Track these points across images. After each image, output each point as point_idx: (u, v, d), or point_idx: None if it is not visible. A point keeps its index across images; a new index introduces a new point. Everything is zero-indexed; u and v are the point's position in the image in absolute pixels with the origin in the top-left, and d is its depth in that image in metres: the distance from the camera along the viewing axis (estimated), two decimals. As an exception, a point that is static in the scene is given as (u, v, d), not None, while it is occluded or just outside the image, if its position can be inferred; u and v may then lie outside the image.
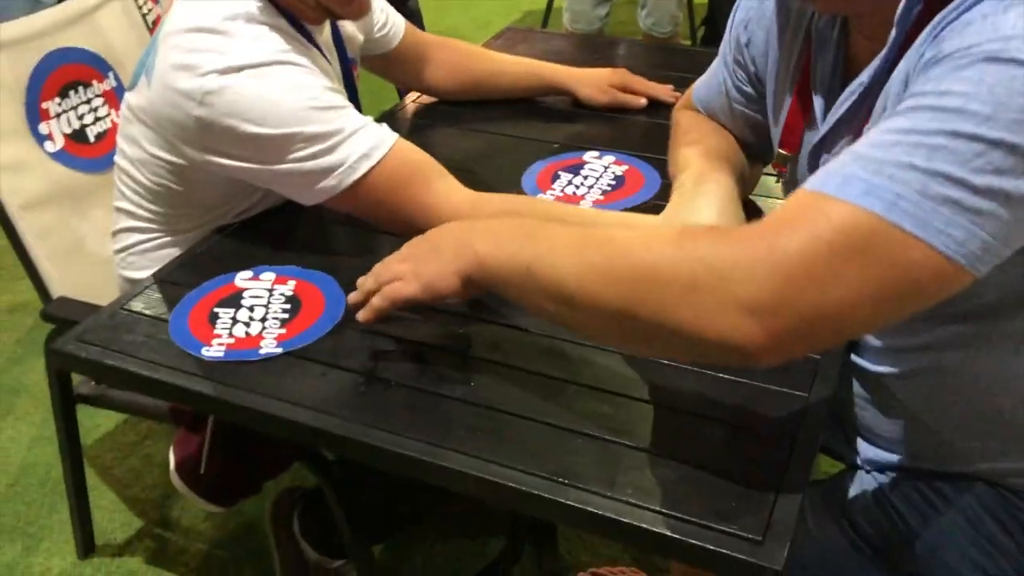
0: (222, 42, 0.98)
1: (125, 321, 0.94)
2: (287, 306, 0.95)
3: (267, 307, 0.95)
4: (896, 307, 0.61)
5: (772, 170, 0.99)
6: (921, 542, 0.85)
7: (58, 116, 1.35)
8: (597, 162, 1.26)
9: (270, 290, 0.98)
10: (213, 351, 0.89)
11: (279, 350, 0.89)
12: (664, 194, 1.04)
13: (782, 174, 0.96)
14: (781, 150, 0.94)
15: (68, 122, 1.37)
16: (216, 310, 0.95)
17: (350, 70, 1.22)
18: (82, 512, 1.48)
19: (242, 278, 1.00)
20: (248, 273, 1.01)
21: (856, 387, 0.90)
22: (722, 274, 0.60)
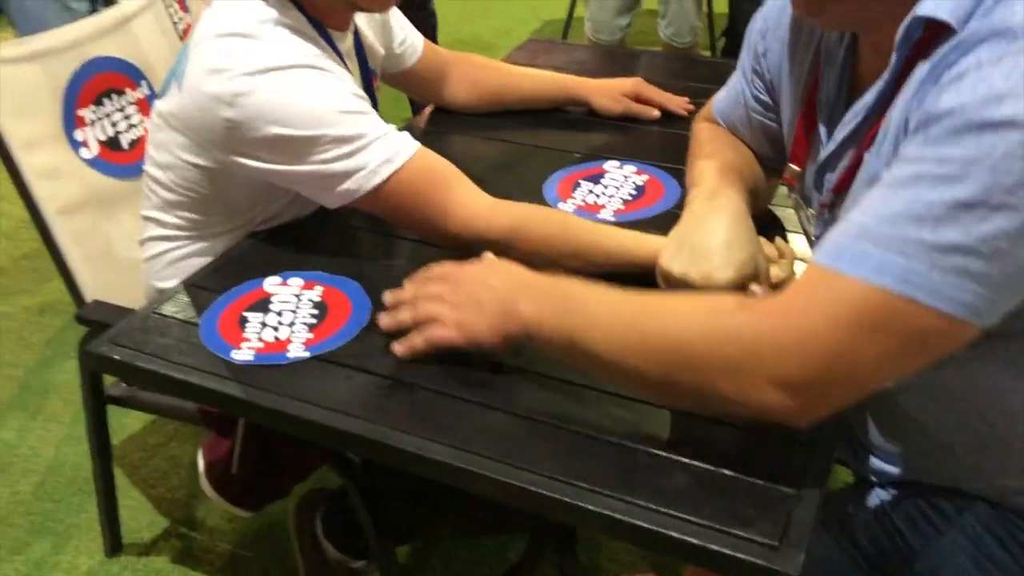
0: (251, 45, 1.01)
1: (157, 325, 0.97)
2: (314, 311, 0.98)
3: (295, 312, 0.98)
4: (917, 363, 0.67)
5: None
6: (921, 560, 0.85)
7: (93, 123, 1.39)
8: (618, 172, 1.27)
9: (298, 295, 1.01)
10: (243, 355, 0.91)
11: (306, 354, 0.91)
12: (684, 204, 1.05)
13: (792, 188, 0.96)
14: (792, 164, 0.94)
15: (103, 129, 1.40)
16: (245, 315, 0.97)
17: (371, 81, 1.24)
18: (110, 512, 1.51)
19: (271, 283, 1.02)
20: (277, 279, 1.03)
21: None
22: (756, 355, 0.67)
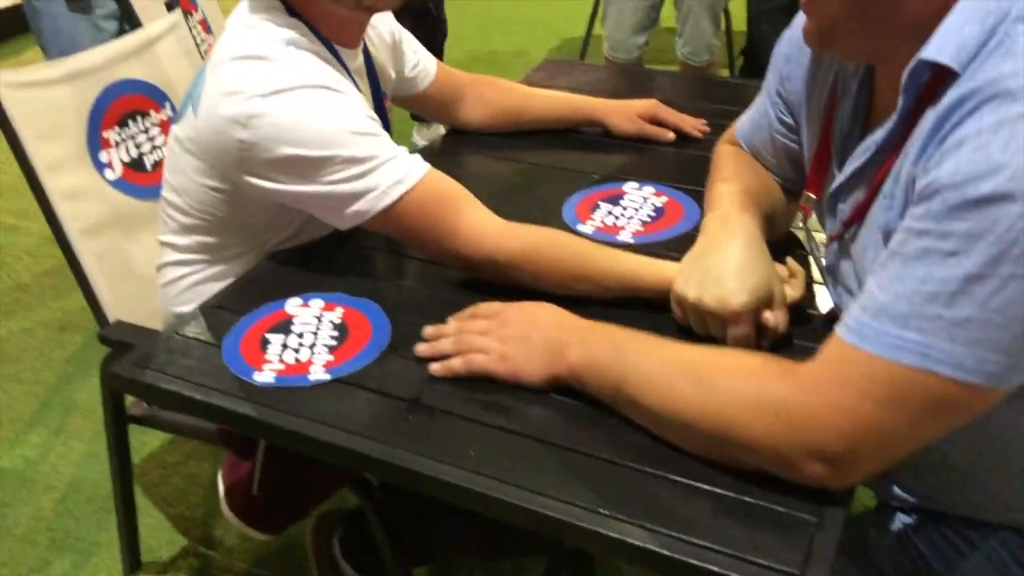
0: (265, 67, 1.02)
1: (180, 346, 0.98)
2: (335, 333, 0.98)
3: (316, 334, 0.98)
4: (946, 428, 0.69)
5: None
6: None
7: (117, 145, 1.41)
8: (637, 193, 1.27)
9: (319, 317, 1.01)
10: (264, 376, 0.92)
11: (327, 376, 0.92)
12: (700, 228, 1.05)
13: (806, 216, 0.95)
14: (807, 192, 0.94)
15: (127, 150, 1.42)
16: (267, 336, 0.98)
17: (382, 101, 1.25)
18: (130, 532, 1.51)
19: (292, 305, 1.03)
20: (298, 300, 1.04)
21: None
22: (797, 429, 0.71)
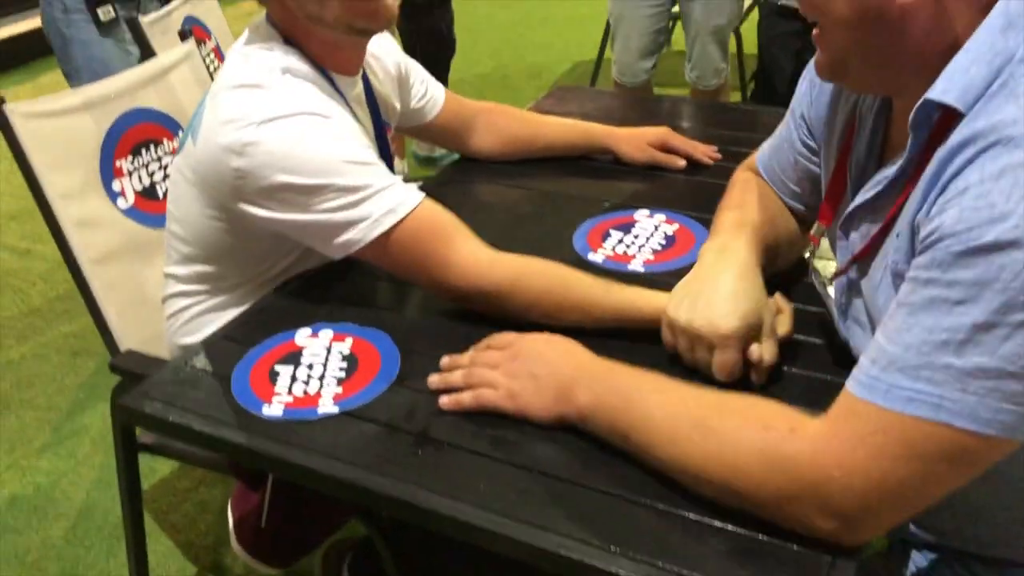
0: (260, 95, 1.03)
1: (189, 378, 0.98)
2: (344, 364, 0.98)
3: (325, 365, 0.98)
4: (961, 480, 0.68)
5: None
6: None
7: (130, 174, 1.42)
8: (648, 221, 1.27)
9: (328, 348, 1.01)
10: (272, 409, 0.91)
11: (336, 409, 0.91)
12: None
13: (814, 248, 0.94)
14: (820, 222, 0.93)
15: (139, 179, 1.43)
16: (276, 368, 0.97)
17: (383, 131, 1.25)
18: (140, 560, 1.49)
19: (302, 336, 1.03)
20: (307, 331, 1.04)
21: None
22: (809, 487, 0.69)
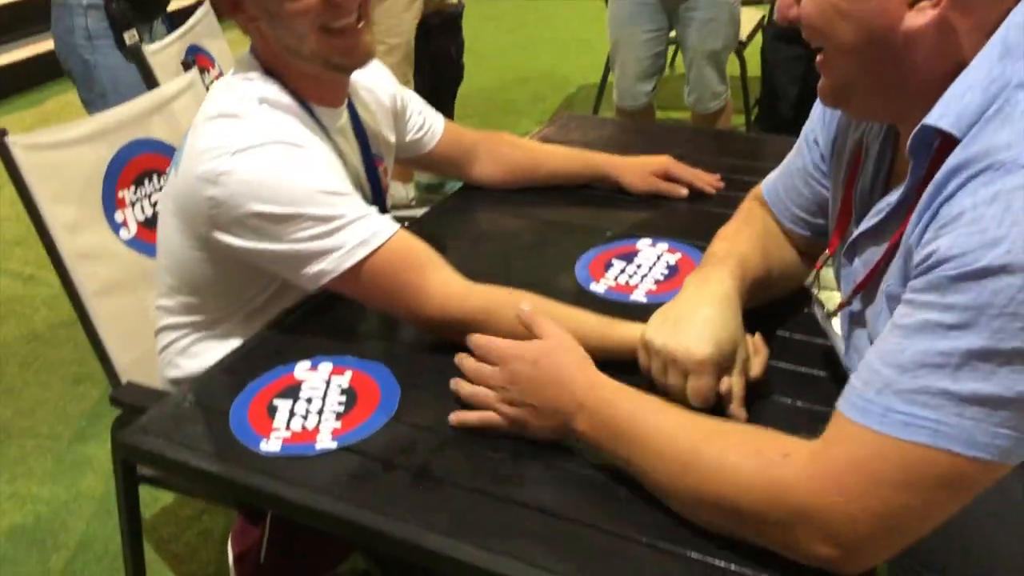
0: (236, 125, 1.03)
1: (187, 413, 0.97)
2: (343, 398, 0.97)
3: (324, 399, 0.97)
4: (957, 507, 0.67)
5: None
6: None
7: (132, 204, 1.42)
8: (650, 250, 1.26)
9: (327, 381, 1.00)
10: (271, 445, 0.90)
11: (334, 445, 0.90)
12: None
13: (817, 274, 0.94)
14: (829, 251, 0.92)
15: (141, 209, 1.43)
16: (275, 402, 0.97)
17: (373, 164, 1.24)
18: (140, 594, 1.49)
19: (301, 369, 1.02)
20: (307, 363, 1.03)
21: None
22: (806, 515, 0.69)
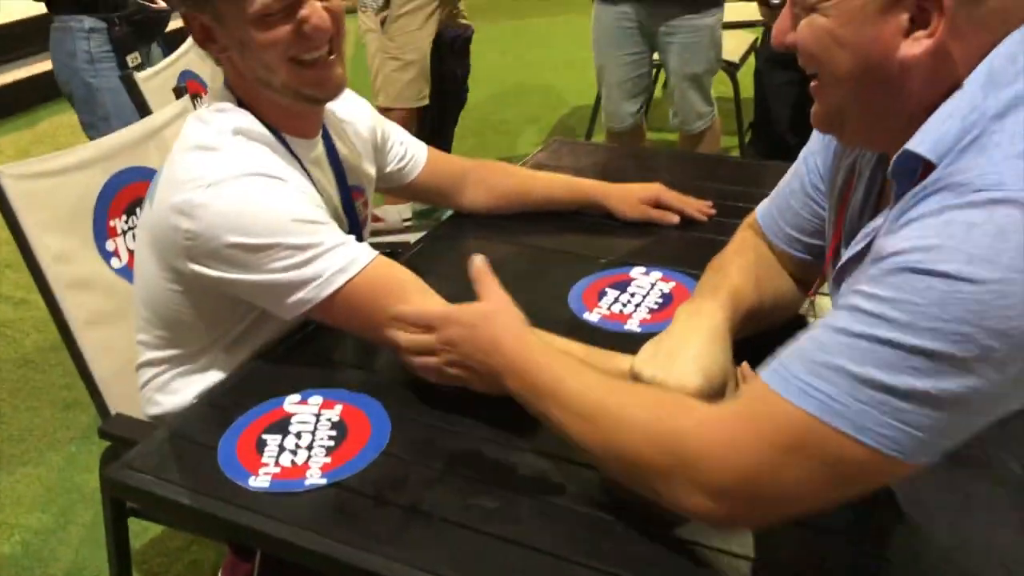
0: (211, 157, 1.03)
1: (175, 448, 0.96)
2: (333, 432, 0.96)
3: (313, 434, 0.96)
4: (839, 493, 0.68)
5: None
6: None
7: (124, 233, 1.41)
8: (644, 278, 1.25)
9: (317, 415, 0.99)
10: (259, 481, 0.89)
11: (324, 481, 0.89)
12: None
13: (812, 300, 0.94)
14: (820, 279, 0.93)
15: (133, 238, 1.42)
16: (264, 437, 0.95)
17: (351, 196, 1.23)
18: (128, 626, 1.47)
19: (290, 403, 1.01)
20: (296, 397, 1.02)
21: None
22: (691, 463, 0.72)
